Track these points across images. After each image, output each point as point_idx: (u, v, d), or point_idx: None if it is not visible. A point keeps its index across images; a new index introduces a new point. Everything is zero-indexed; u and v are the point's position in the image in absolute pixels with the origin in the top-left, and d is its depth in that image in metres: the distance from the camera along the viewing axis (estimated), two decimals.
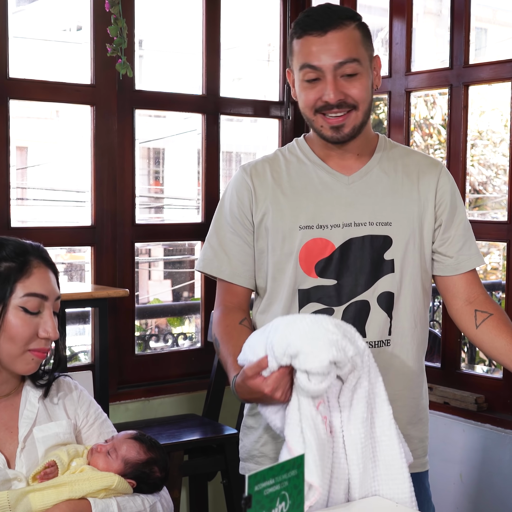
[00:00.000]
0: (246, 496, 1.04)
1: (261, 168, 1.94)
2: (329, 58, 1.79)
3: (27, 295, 1.65)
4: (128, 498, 1.70)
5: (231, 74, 4.35)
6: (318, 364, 1.50)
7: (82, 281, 4.86)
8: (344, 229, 1.86)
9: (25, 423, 1.71)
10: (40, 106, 6.54)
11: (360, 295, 1.86)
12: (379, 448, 1.63)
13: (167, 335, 5.04)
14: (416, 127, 8.27)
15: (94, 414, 1.83)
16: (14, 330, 1.64)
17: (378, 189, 1.91)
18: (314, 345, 1.51)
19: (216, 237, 1.96)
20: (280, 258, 1.88)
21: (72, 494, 1.63)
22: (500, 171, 8.63)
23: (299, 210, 1.88)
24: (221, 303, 1.95)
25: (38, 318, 1.67)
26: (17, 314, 1.64)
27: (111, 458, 1.72)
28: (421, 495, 1.92)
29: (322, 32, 1.80)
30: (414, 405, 1.93)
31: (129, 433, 1.78)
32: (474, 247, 1.97)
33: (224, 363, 1.85)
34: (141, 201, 7.07)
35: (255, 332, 1.71)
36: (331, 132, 1.85)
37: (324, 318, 1.57)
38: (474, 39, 3.16)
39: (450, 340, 3.18)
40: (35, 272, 1.67)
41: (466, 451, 3.06)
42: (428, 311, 1.99)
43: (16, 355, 1.65)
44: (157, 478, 1.76)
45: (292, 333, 1.54)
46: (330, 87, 1.80)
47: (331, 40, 1.80)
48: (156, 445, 1.79)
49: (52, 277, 1.71)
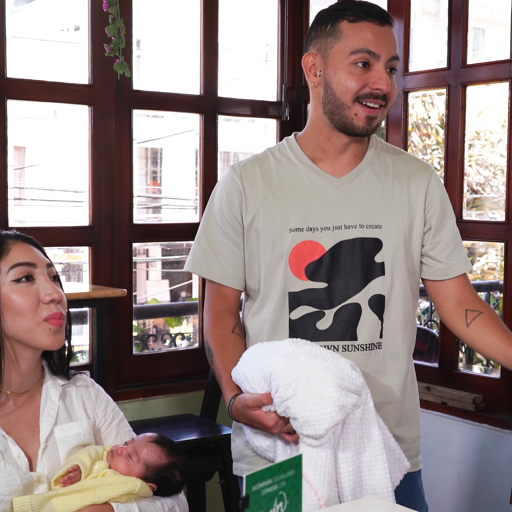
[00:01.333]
0: (244, 496, 1.04)
1: (251, 169, 1.92)
2: (387, 49, 1.80)
3: (12, 267, 1.65)
4: (149, 502, 1.70)
5: (229, 74, 4.35)
6: (318, 432, 1.58)
7: (79, 281, 4.86)
8: (335, 232, 1.85)
9: (47, 422, 1.70)
10: (37, 106, 6.53)
11: (351, 298, 1.85)
12: (369, 472, 1.69)
13: (165, 335, 5.04)
14: (414, 127, 8.28)
15: (112, 413, 1.83)
16: (16, 305, 1.63)
17: (368, 192, 1.89)
18: (315, 415, 1.57)
19: (206, 238, 1.95)
20: (271, 261, 1.88)
21: (95, 499, 1.63)
22: (498, 171, 8.63)
23: (289, 212, 1.87)
24: (211, 306, 1.95)
25: (35, 286, 1.66)
26: (11, 289, 1.64)
27: (132, 461, 1.71)
28: (414, 495, 1.93)
29: (381, 22, 1.81)
30: (405, 406, 1.93)
31: (150, 436, 1.77)
32: (462, 252, 1.98)
33: (218, 377, 1.87)
34: (139, 201, 7.06)
35: (252, 351, 1.76)
36: (364, 122, 1.82)
37: (326, 374, 1.60)
38: (472, 39, 3.17)
39: (447, 340, 3.19)
40: (12, 248, 1.67)
41: (463, 451, 3.06)
42: (416, 312, 1.99)
43: (32, 328, 1.64)
44: (177, 482, 1.76)
45: (294, 396, 1.59)
46: (385, 75, 1.79)
47: (389, 33, 1.82)
48: (176, 449, 1.78)
49: (33, 248, 1.71)
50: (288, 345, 1.70)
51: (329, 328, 1.84)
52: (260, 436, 1.77)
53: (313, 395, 1.58)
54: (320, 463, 1.61)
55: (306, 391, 1.58)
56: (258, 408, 1.67)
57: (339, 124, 1.85)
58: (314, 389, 1.58)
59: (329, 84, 1.83)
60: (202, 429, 3.10)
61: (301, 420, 1.58)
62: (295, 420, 1.60)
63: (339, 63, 1.81)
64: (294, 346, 1.69)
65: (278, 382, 1.60)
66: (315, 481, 1.60)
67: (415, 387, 1.99)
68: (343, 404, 1.58)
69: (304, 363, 1.62)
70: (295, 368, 1.61)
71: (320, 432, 1.57)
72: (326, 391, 1.58)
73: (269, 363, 1.65)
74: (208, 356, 1.91)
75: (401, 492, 1.81)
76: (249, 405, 1.68)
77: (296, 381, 1.59)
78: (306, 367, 1.60)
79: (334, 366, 1.62)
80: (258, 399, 1.66)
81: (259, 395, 1.66)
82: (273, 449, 1.76)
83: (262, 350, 1.73)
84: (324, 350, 1.69)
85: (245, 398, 1.70)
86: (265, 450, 1.78)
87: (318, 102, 1.88)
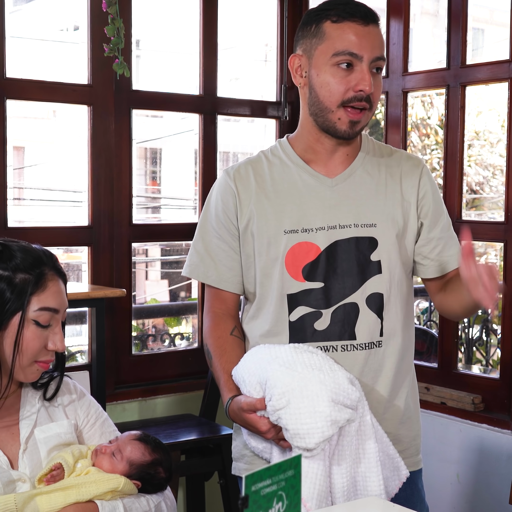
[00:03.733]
0: (243, 496, 1.04)
1: (244, 172, 1.92)
2: (370, 49, 1.78)
3: (41, 309, 1.64)
4: (134, 499, 1.70)
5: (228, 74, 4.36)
6: (308, 446, 1.59)
7: (79, 281, 4.86)
8: (329, 232, 1.85)
9: (26, 424, 1.71)
10: (37, 106, 6.53)
11: (349, 297, 1.85)
12: (363, 483, 1.69)
13: (164, 335, 5.04)
14: (413, 127, 8.28)
15: (95, 414, 1.83)
16: (25, 344, 1.64)
17: (362, 191, 1.89)
18: (306, 428, 1.58)
19: (202, 242, 1.96)
20: (266, 263, 1.87)
21: (79, 497, 1.63)
22: (497, 172, 8.64)
23: (283, 214, 1.87)
24: (210, 310, 1.95)
25: (48, 331, 1.66)
26: (28, 327, 1.64)
27: (116, 459, 1.72)
28: (414, 497, 1.92)
29: (365, 22, 1.79)
30: (405, 404, 1.92)
31: (133, 434, 1.78)
32: (454, 247, 1.95)
33: (217, 378, 1.88)
34: (138, 201, 7.07)
35: (253, 353, 1.77)
36: (346, 126, 1.81)
37: (320, 387, 1.60)
38: (471, 39, 3.17)
39: (447, 340, 3.19)
40: (49, 286, 1.66)
41: (463, 451, 3.06)
42: (414, 310, 1.99)
43: (24, 367, 1.66)
44: (161, 479, 1.76)
45: (287, 407, 1.59)
46: (368, 77, 1.77)
47: (373, 33, 1.80)
48: (160, 446, 1.79)
49: (63, 289, 1.70)
50: (289, 351, 1.70)
51: (327, 328, 1.83)
52: (257, 437, 1.77)
53: (305, 408, 1.58)
54: (311, 475, 1.61)
55: (299, 404, 1.58)
56: (252, 412, 1.69)
57: (323, 126, 1.85)
58: (307, 402, 1.58)
59: (313, 86, 1.83)
60: (201, 429, 3.10)
61: (292, 432, 1.59)
62: (287, 431, 1.61)
63: (322, 64, 1.80)
64: (294, 354, 1.69)
65: (272, 391, 1.61)
66: (304, 493, 1.59)
67: (415, 385, 1.99)
68: (335, 420, 1.58)
69: (300, 374, 1.61)
70: (290, 379, 1.61)
71: (310, 446, 1.58)
72: (319, 405, 1.58)
73: (267, 369, 1.66)
74: (207, 358, 1.92)
75: (401, 494, 1.81)
76: (244, 408, 1.69)
77: (290, 392, 1.59)
78: (301, 379, 1.60)
79: (330, 379, 1.61)
80: (252, 403, 1.67)
81: (254, 399, 1.68)
82: (269, 450, 1.77)
83: (262, 354, 1.73)
84: (324, 360, 1.68)
85: (241, 400, 1.72)
86: (261, 451, 1.79)
87: (305, 103, 1.88)
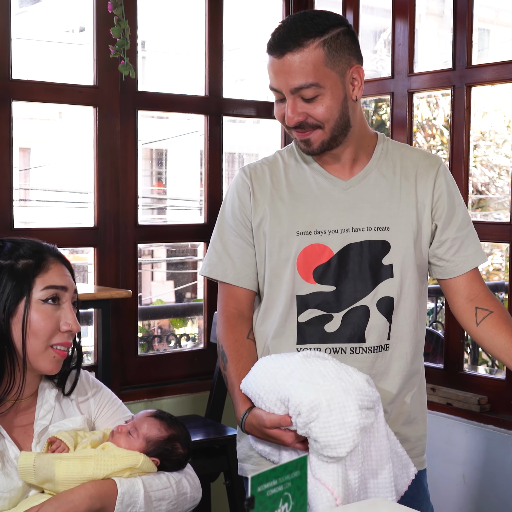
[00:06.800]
0: (249, 497, 1.04)
1: (261, 172, 1.93)
2: (285, 83, 1.74)
3: (47, 288, 1.66)
4: (153, 476, 1.69)
5: (233, 75, 4.36)
6: (340, 455, 1.59)
7: (85, 282, 4.86)
8: (342, 235, 1.85)
9: (40, 424, 1.71)
10: (42, 107, 6.55)
11: (360, 300, 1.84)
12: (374, 480, 1.70)
13: (170, 336, 5.05)
14: (418, 128, 8.27)
15: (108, 404, 1.83)
16: (36, 325, 1.64)
17: (376, 194, 1.88)
18: (337, 439, 1.58)
19: (220, 241, 1.95)
20: (277, 264, 1.87)
21: (96, 471, 1.61)
22: (502, 172, 8.63)
23: (297, 215, 1.87)
24: (225, 309, 1.94)
25: (59, 311, 1.67)
26: (38, 308, 1.65)
27: (132, 437, 1.71)
28: (419, 495, 1.93)
29: (280, 54, 1.75)
30: (411, 405, 1.93)
31: (149, 412, 1.77)
32: (471, 247, 1.94)
33: (230, 384, 1.85)
34: (144, 202, 7.08)
35: (262, 368, 1.74)
36: (302, 145, 1.84)
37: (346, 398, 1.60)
38: (476, 40, 3.17)
39: (452, 341, 3.18)
40: (52, 267, 1.69)
41: (469, 452, 3.06)
42: (426, 311, 1.99)
43: (40, 352, 1.65)
44: (180, 455, 1.75)
45: (316, 421, 1.59)
46: (288, 110, 1.78)
47: (288, 63, 1.73)
48: (176, 422, 1.78)
49: (68, 273, 1.73)
50: (301, 362, 1.69)
51: (337, 330, 1.83)
52: (263, 440, 1.77)
53: (335, 421, 1.58)
54: (332, 465, 1.62)
55: (328, 417, 1.58)
56: (275, 428, 1.68)
57: None
58: (336, 415, 1.58)
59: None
60: (207, 430, 3.10)
61: (323, 444, 1.59)
62: (316, 443, 1.60)
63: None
64: (307, 364, 1.68)
65: (300, 409, 1.60)
66: (329, 482, 1.60)
67: (424, 386, 1.99)
68: (363, 426, 1.60)
69: (323, 387, 1.61)
70: (315, 393, 1.60)
71: (341, 455, 1.59)
72: (348, 416, 1.58)
73: (286, 387, 1.64)
74: (222, 361, 1.90)
75: (407, 493, 1.81)
76: (267, 425, 1.68)
77: (318, 407, 1.59)
78: (326, 392, 1.60)
79: (352, 387, 1.61)
80: (276, 421, 1.66)
81: (277, 417, 1.66)
82: (277, 452, 1.77)
83: (274, 369, 1.71)
84: (337, 365, 1.68)
85: (263, 418, 1.69)
86: (268, 453, 1.79)
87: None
